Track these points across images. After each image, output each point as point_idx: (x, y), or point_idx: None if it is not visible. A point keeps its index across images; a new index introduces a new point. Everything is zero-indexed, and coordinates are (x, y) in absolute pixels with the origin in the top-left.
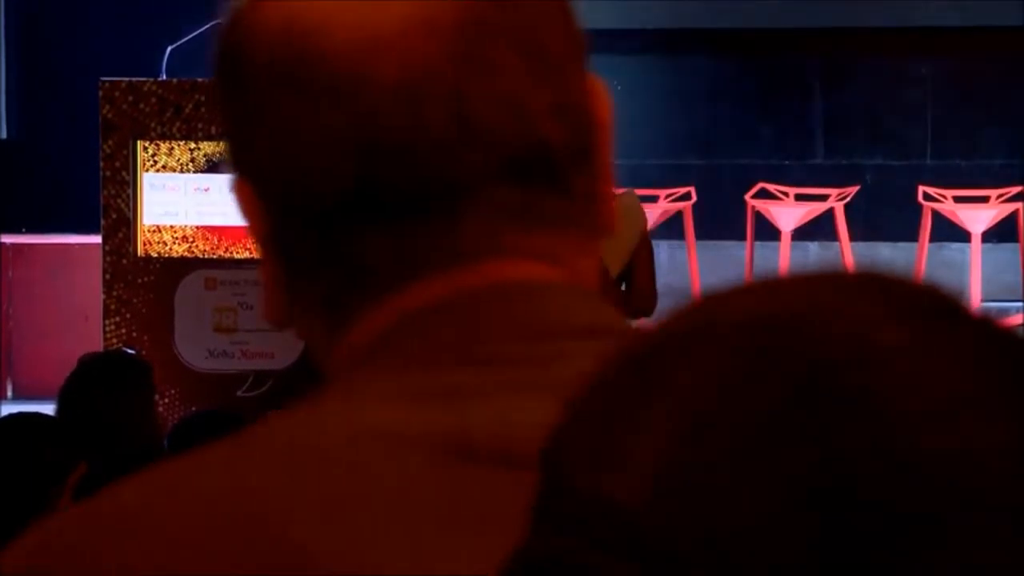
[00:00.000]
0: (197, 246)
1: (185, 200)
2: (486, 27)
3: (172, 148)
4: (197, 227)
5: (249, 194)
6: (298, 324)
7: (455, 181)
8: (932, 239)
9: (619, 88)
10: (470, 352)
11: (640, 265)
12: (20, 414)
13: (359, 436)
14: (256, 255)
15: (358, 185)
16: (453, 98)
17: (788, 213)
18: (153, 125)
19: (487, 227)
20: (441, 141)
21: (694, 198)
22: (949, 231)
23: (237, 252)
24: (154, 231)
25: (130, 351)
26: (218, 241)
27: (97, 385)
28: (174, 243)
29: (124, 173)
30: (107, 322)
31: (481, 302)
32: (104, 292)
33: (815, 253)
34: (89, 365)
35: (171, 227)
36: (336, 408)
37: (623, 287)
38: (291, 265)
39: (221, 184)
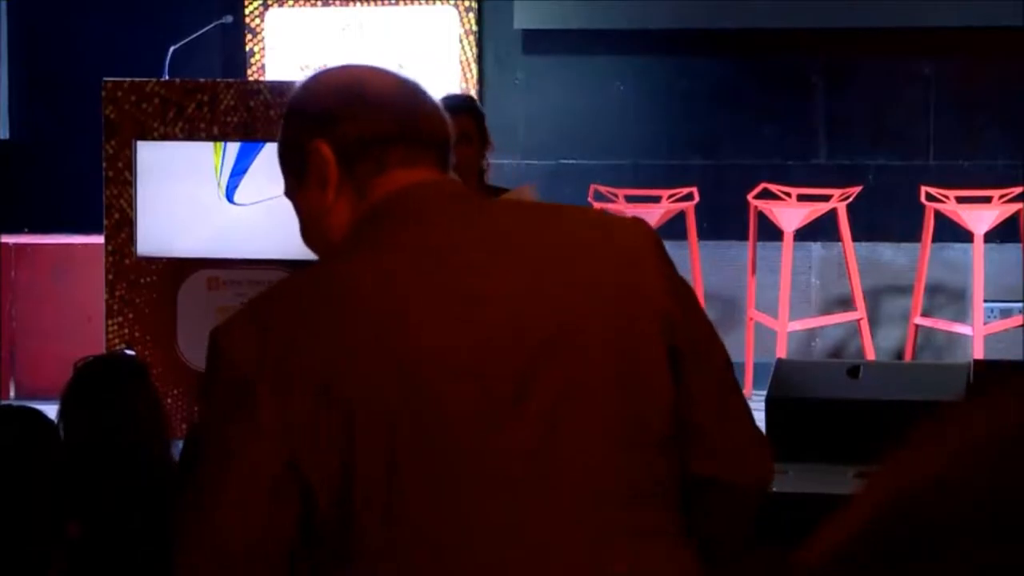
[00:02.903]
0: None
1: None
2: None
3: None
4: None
5: (326, 145)
6: (333, 207)
7: (430, 144)
8: (934, 239)
9: (622, 88)
10: (391, 223)
11: None
12: (6, 407)
13: (373, 261)
14: (255, 257)
15: (396, 138)
16: (431, 109)
17: (790, 213)
18: (156, 125)
19: (434, 165)
20: (428, 131)
21: (696, 198)
22: (951, 231)
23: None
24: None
25: (129, 352)
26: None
27: (95, 391)
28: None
29: (127, 173)
30: (110, 322)
31: (405, 197)
32: (107, 292)
33: (817, 253)
34: (85, 371)
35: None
36: (359, 258)
37: None
38: (344, 169)
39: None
